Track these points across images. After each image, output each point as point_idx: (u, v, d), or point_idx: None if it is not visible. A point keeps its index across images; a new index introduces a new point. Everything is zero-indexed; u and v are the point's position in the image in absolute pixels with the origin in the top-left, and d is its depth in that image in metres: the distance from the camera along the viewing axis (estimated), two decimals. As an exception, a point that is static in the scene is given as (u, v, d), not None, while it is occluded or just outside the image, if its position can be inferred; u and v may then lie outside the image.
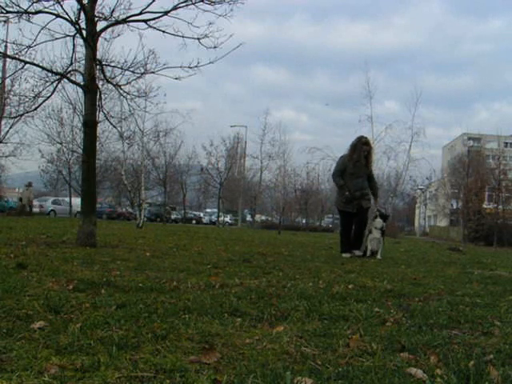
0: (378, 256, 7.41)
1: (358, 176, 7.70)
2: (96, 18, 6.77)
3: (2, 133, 23.35)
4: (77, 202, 22.29)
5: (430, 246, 16.58)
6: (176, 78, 7.42)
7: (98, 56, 7.26)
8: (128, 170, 25.92)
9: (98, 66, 7.10)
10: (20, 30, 7.03)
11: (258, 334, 2.23)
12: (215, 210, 46.26)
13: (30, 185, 26.05)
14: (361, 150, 7.69)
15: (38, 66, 7.23)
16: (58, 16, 6.58)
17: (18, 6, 6.46)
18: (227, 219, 47.49)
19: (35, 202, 28.53)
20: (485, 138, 42.35)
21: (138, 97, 8.80)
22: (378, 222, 7.64)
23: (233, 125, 42.86)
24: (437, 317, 2.72)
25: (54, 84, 7.45)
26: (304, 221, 45.35)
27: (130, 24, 7.14)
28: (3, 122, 22.40)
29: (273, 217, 48.04)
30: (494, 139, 37.00)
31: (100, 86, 7.58)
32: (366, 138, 7.99)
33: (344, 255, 7.45)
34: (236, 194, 45.10)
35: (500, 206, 28.59)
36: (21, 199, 26.01)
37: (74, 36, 7.07)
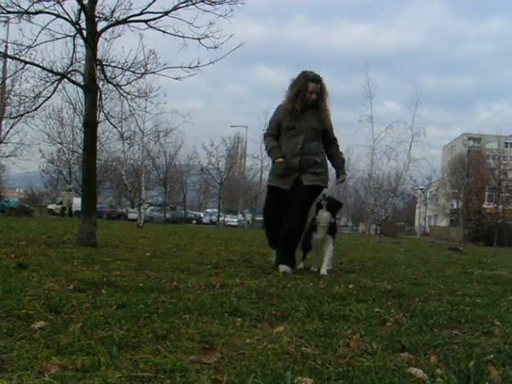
0: (322, 269, 4.71)
1: (300, 132, 4.83)
2: (96, 19, 6.77)
3: (3, 133, 23.38)
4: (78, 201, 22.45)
5: (430, 246, 16.59)
6: (176, 78, 7.41)
7: (99, 56, 7.26)
8: (128, 170, 25.95)
9: (98, 66, 7.09)
10: (20, 30, 7.02)
11: (258, 333, 2.23)
12: (215, 210, 46.35)
13: (70, 189, 26.97)
14: (306, 90, 4.77)
15: (38, 66, 7.22)
16: (58, 16, 6.58)
17: (19, 6, 6.46)
18: (227, 219, 47.59)
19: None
20: (485, 138, 42.43)
21: (139, 97, 8.77)
22: (323, 216, 4.82)
23: (233, 125, 43.10)
24: (437, 317, 2.72)
25: (55, 84, 7.44)
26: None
27: (131, 24, 7.13)
28: (4, 122, 22.39)
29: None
30: (494, 139, 37.08)
31: (100, 86, 7.58)
32: (312, 72, 4.86)
33: (281, 267, 4.68)
34: (236, 194, 45.16)
35: (500, 206, 28.68)
36: (61, 202, 26.76)
37: (74, 36, 7.07)
